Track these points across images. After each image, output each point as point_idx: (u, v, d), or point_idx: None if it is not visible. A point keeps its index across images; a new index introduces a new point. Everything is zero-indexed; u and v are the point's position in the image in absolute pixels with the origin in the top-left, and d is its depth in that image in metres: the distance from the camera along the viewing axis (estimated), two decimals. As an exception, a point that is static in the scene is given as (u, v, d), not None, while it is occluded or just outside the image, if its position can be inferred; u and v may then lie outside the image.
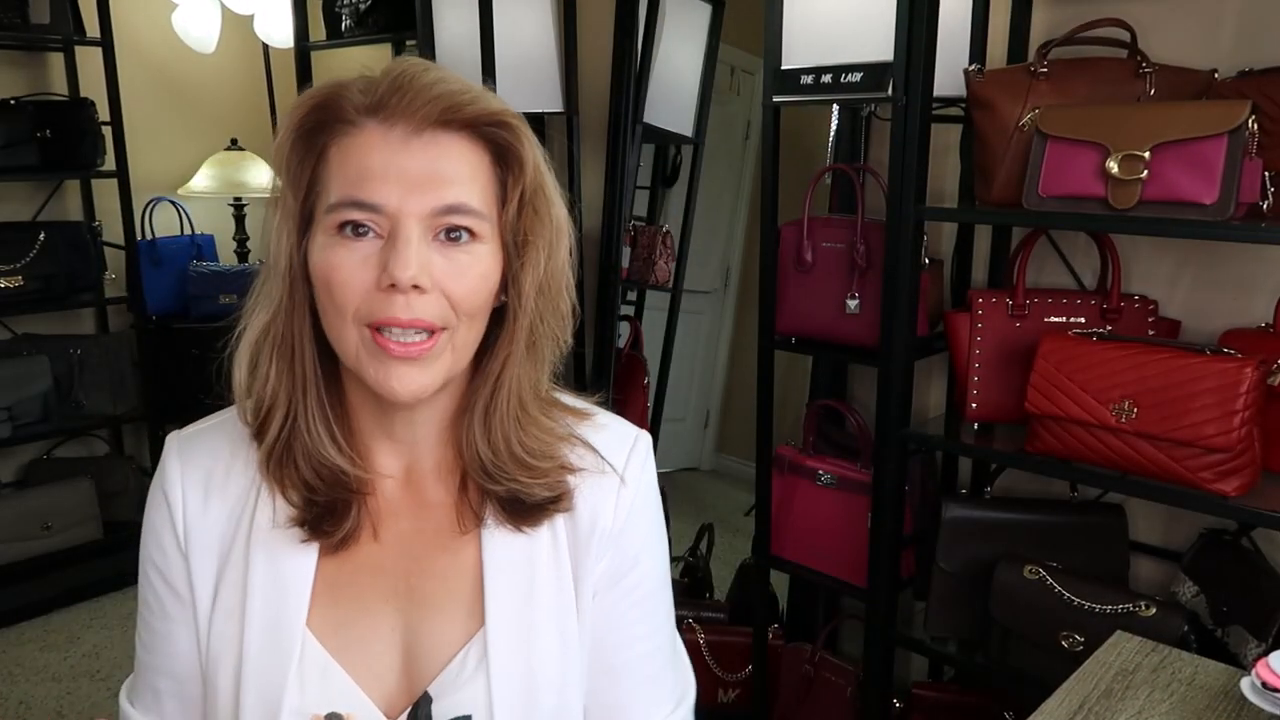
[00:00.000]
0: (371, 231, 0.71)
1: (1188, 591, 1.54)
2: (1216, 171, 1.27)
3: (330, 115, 0.73)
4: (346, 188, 0.71)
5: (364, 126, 0.71)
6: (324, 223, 0.72)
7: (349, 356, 0.74)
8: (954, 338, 1.65)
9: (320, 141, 0.73)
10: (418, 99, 0.70)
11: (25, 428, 2.87)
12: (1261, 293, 1.55)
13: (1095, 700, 1.03)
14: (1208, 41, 1.56)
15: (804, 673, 1.99)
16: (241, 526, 0.79)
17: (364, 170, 0.70)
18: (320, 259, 0.72)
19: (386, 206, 0.70)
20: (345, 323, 0.72)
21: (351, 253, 0.71)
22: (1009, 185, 1.51)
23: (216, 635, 0.78)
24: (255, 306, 0.77)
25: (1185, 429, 1.32)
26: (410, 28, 2.41)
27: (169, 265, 3.27)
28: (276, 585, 0.77)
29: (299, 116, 0.73)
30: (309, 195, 0.74)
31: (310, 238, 0.73)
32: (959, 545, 1.67)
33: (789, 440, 1.98)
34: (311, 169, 0.73)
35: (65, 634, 2.78)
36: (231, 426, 0.81)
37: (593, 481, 0.82)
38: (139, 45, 3.27)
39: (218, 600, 0.78)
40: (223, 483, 0.80)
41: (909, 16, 1.50)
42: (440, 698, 0.77)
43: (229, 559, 0.78)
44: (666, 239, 2.44)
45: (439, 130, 0.71)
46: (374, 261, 0.70)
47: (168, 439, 0.83)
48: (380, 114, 0.71)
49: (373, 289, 0.71)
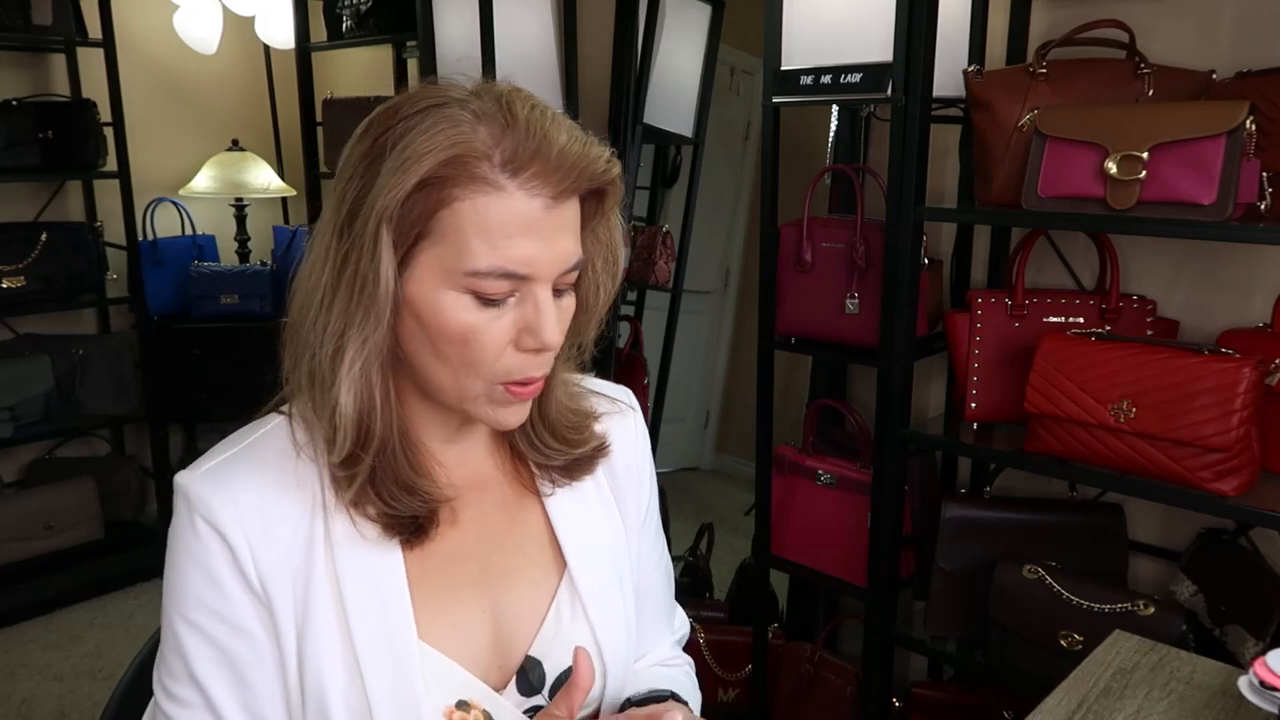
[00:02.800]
0: (508, 298, 0.72)
1: (1186, 591, 1.54)
2: (1215, 172, 1.28)
3: (463, 169, 0.69)
4: (493, 256, 0.69)
5: (504, 189, 0.69)
6: (459, 280, 0.70)
7: (464, 402, 0.75)
8: (953, 338, 1.65)
9: (446, 193, 0.69)
10: (560, 163, 0.69)
11: (27, 427, 2.88)
12: (1260, 293, 1.55)
13: (1094, 699, 1.03)
14: (1206, 42, 1.57)
15: (804, 672, 1.99)
16: (315, 545, 0.75)
17: (510, 240, 0.69)
18: (453, 316, 0.71)
19: (531, 275, 0.71)
20: (475, 378, 0.73)
21: (491, 316, 0.71)
22: (1008, 186, 1.51)
23: (314, 658, 0.74)
24: (342, 332, 0.72)
25: (1184, 429, 1.32)
26: (411, 28, 2.42)
27: (170, 265, 3.27)
28: (375, 593, 0.75)
29: (427, 169, 0.68)
30: (422, 236, 0.70)
31: (412, 276, 0.71)
32: (958, 545, 1.68)
33: (789, 440, 1.98)
34: (434, 213, 0.69)
35: (67, 633, 2.79)
36: (266, 445, 0.77)
37: (611, 422, 0.90)
38: (140, 46, 3.28)
39: (308, 625, 0.74)
40: (279, 509, 0.75)
41: (908, 17, 1.50)
42: (545, 657, 0.81)
43: (311, 582, 0.74)
44: (666, 239, 2.45)
45: (573, 195, 0.72)
46: (509, 320, 0.72)
47: (186, 481, 0.75)
48: (521, 175, 0.69)
49: (511, 349, 0.73)
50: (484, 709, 0.77)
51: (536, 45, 2.38)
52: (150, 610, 2.92)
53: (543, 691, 0.81)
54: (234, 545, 0.72)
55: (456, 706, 0.76)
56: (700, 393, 3.76)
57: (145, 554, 3.11)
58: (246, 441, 0.78)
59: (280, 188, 3.47)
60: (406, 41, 2.88)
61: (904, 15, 1.50)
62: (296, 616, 0.74)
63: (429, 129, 0.69)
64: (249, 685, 0.74)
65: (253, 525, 0.73)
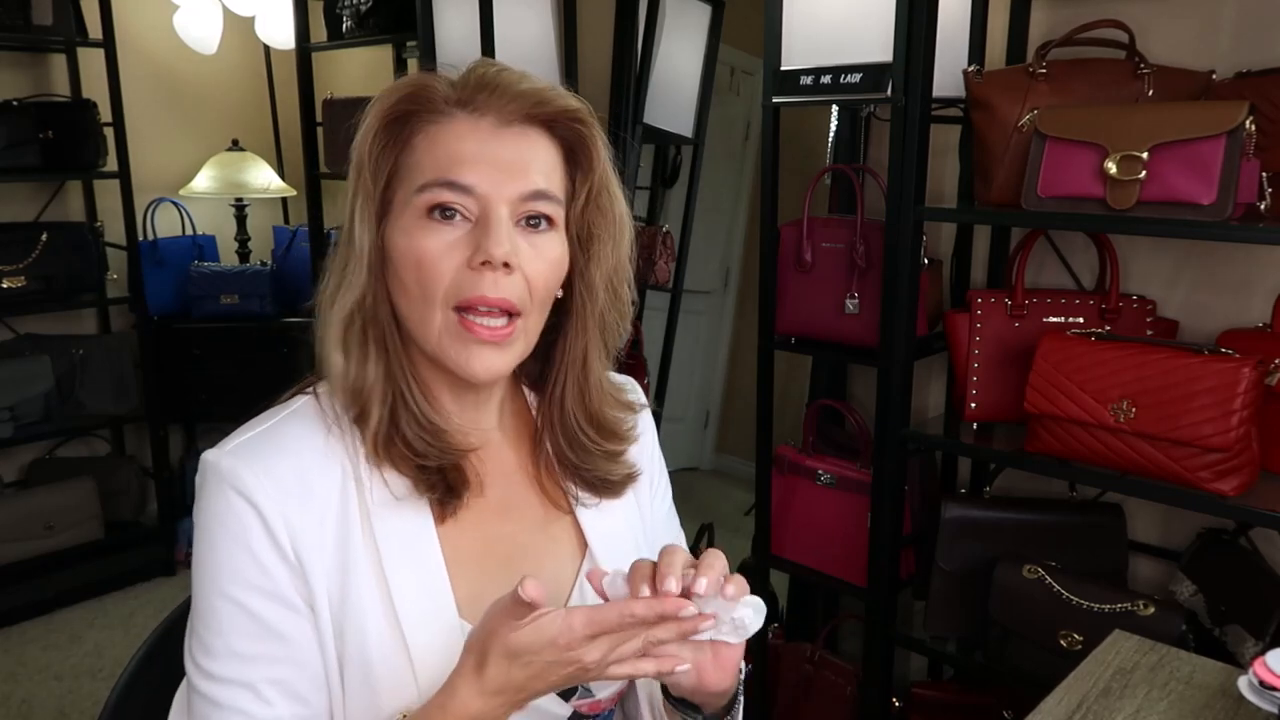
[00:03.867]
0: (459, 214, 0.74)
1: (1186, 590, 1.54)
2: (1214, 172, 1.28)
3: (418, 105, 0.75)
4: (437, 170, 0.74)
5: (453, 116, 0.75)
6: (412, 205, 0.74)
7: (430, 339, 0.76)
8: (953, 338, 1.65)
9: (406, 130, 0.76)
10: (506, 93, 0.75)
11: (27, 427, 2.88)
12: (1259, 293, 1.55)
13: (1094, 699, 1.03)
14: (1206, 43, 1.57)
15: (804, 672, 1.99)
16: (350, 518, 0.76)
17: (455, 154, 0.74)
18: (407, 242, 0.74)
19: (478, 189, 0.74)
20: (431, 305, 0.75)
21: (441, 235, 0.74)
22: (1008, 186, 1.51)
23: (356, 631, 0.74)
24: (336, 293, 0.77)
25: (1183, 429, 1.32)
26: (411, 29, 2.42)
27: (170, 266, 3.28)
28: (415, 567, 0.77)
29: (388, 105, 0.76)
30: (391, 182, 0.76)
31: (389, 222, 0.76)
32: (958, 545, 1.68)
33: (789, 440, 1.98)
34: (395, 156, 0.76)
35: (67, 633, 2.79)
36: (293, 423, 0.78)
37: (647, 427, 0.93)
38: (141, 46, 3.28)
39: (348, 597, 0.74)
40: (311, 482, 0.75)
41: (908, 17, 1.50)
42: None
43: (349, 554, 0.75)
44: (666, 239, 2.45)
45: (525, 124, 0.76)
46: (463, 243, 0.74)
47: (215, 458, 0.75)
48: (469, 106, 0.75)
49: (462, 268, 0.74)
50: None
51: (536, 45, 2.38)
52: (150, 610, 2.92)
53: None
54: (268, 518, 0.73)
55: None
56: (700, 393, 3.76)
57: (145, 554, 3.11)
58: (274, 420, 0.79)
59: (280, 188, 3.47)
60: (406, 41, 2.88)
61: (904, 15, 1.50)
62: (333, 589, 0.74)
63: (395, 82, 0.77)
64: (290, 659, 0.74)
65: (287, 497, 0.74)
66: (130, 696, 0.94)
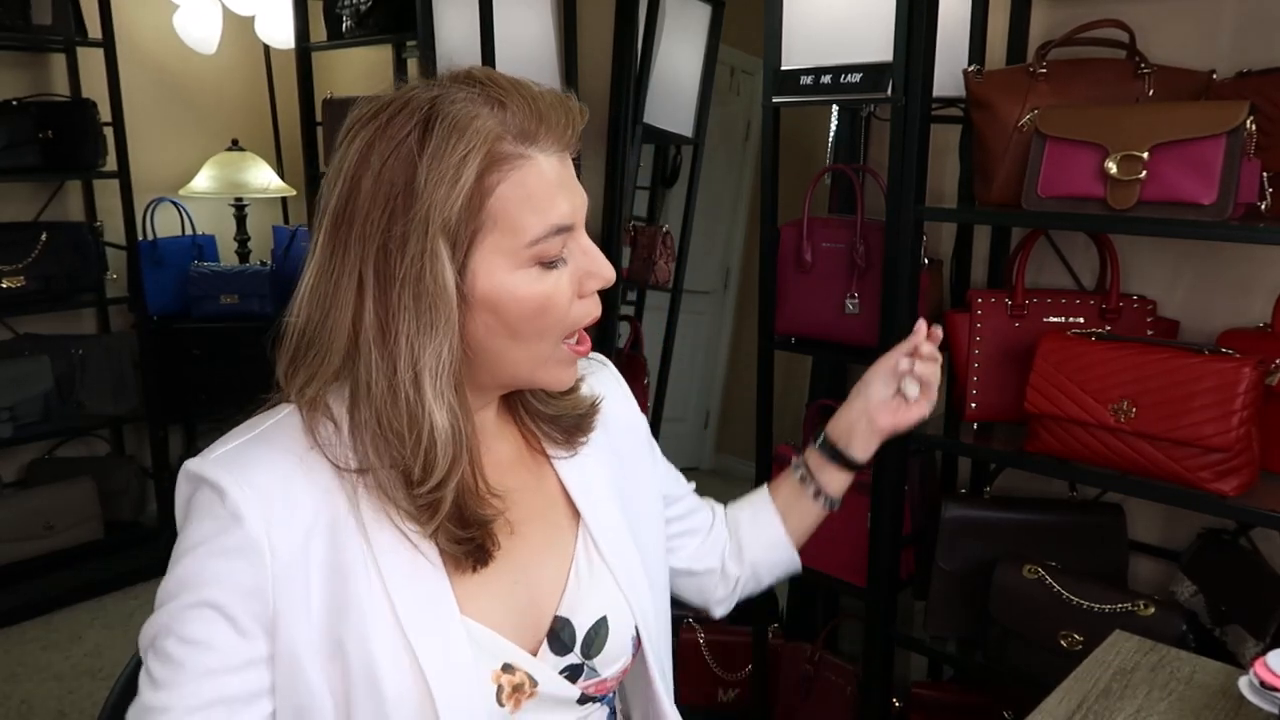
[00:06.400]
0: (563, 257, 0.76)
1: (1186, 591, 1.54)
2: (1215, 172, 1.28)
3: (494, 158, 0.72)
4: (544, 221, 0.74)
5: (531, 158, 0.73)
6: (521, 255, 0.74)
7: (523, 370, 0.79)
8: (953, 338, 1.65)
9: (490, 182, 0.72)
10: (557, 123, 0.75)
11: (27, 427, 2.88)
12: (1260, 293, 1.55)
13: (1094, 699, 1.03)
14: (1206, 42, 1.57)
15: (804, 672, 1.99)
16: (343, 529, 0.74)
17: (551, 199, 0.74)
18: (525, 291, 0.74)
19: (575, 223, 0.76)
20: (547, 341, 0.78)
21: (558, 276, 0.76)
22: (1008, 186, 1.51)
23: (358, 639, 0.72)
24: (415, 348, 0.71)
25: (1184, 429, 1.32)
26: (411, 28, 2.42)
27: (170, 266, 3.28)
28: (413, 570, 0.75)
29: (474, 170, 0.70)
30: (474, 231, 0.72)
31: (474, 267, 0.73)
32: (958, 545, 1.68)
33: (789, 440, 1.98)
34: (480, 209, 0.72)
35: (67, 633, 2.79)
36: (278, 433, 0.76)
37: (593, 380, 0.94)
38: (140, 46, 3.28)
39: (348, 607, 0.73)
40: (297, 493, 0.73)
41: (908, 17, 1.50)
42: (573, 614, 0.83)
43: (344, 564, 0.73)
44: (666, 239, 2.45)
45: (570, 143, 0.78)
46: (570, 275, 0.77)
47: (197, 467, 0.74)
48: (537, 144, 0.74)
49: (574, 298, 0.78)
50: (526, 671, 0.79)
51: (536, 45, 2.38)
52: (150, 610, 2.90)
53: (574, 650, 0.83)
54: (251, 529, 0.71)
55: (502, 670, 0.78)
56: (700, 393, 3.76)
57: (145, 554, 3.11)
58: (259, 430, 0.77)
59: (280, 188, 3.47)
60: (406, 41, 2.88)
61: (904, 15, 1.50)
62: (328, 599, 0.73)
63: (448, 134, 0.70)
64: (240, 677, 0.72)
65: (271, 509, 0.72)
66: (130, 696, 0.93)
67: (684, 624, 2.14)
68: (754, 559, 1.11)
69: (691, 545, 1.08)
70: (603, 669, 0.85)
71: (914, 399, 1.09)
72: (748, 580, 1.11)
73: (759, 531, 1.11)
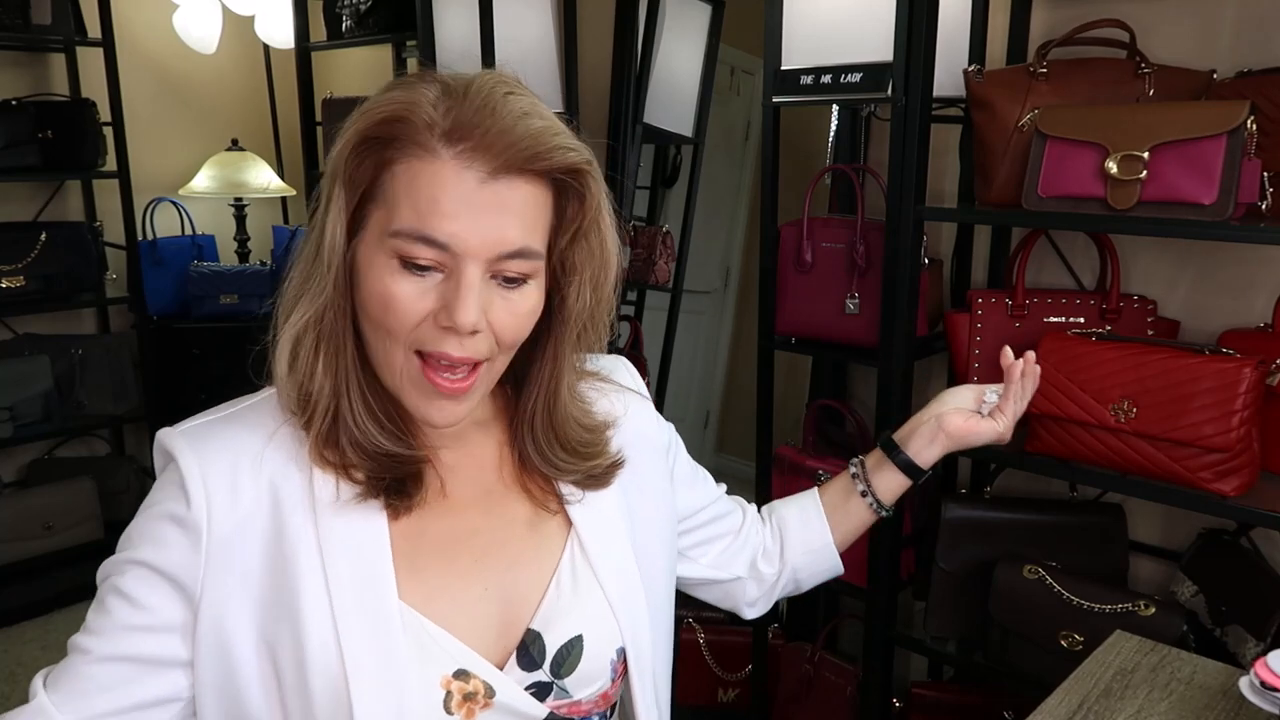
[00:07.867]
0: (431, 268, 0.71)
1: (1187, 591, 1.54)
2: (1215, 172, 1.27)
3: (403, 132, 0.70)
4: (415, 219, 0.69)
5: (439, 156, 0.69)
6: (385, 244, 0.71)
7: (391, 376, 0.75)
8: (953, 338, 1.65)
9: (388, 151, 0.71)
10: (500, 140, 0.69)
11: (27, 427, 2.88)
12: (1260, 293, 1.55)
13: (1094, 699, 1.03)
14: (1207, 42, 1.57)
15: (804, 672, 1.99)
16: (293, 512, 0.75)
17: (435, 204, 0.69)
18: (377, 279, 0.72)
19: (453, 245, 0.70)
20: (396, 344, 0.73)
21: (411, 284, 0.71)
22: (1008, 185, 1.51)
23: (289, 622, 0.73)
24: (298, 296, 0.75)
25: (1184, 429, 1.32)
26: (411, 28, 2.42)
27: (170, 265, 3.27)
28: (358, 560, 0.75)
29: (369, 124, 0.71)
30: (364, 199, 0.73)
31: (361, 239, 0.73)
32: (959, 545, 1.67)
33: (789, 440, 1.98)
34: (372, 175, 0.72)
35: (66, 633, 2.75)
36: (249, 415, 0.78)
37: (629, 409, 0.91)
38: (140, 46, 3.28)
39: (283, 590, 0.73)
40: (251, 474, 0.75)
41: (908, 17, 1.50)
42: (546, 630, 0.80)
43: (285, 548, 0.74)
44: (666, 239, 2.45)
45: (515, 175, 0.71)
46: (432, 294, 0.71)
47: (163, 436, 0.78)
48: (459, 146, 0.69)
49: (429, 321, 0.72)
50: (484, 680, 0.77)
51: (536, 45, 2.38)
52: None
53: (543, 666, 0.79)
54: (194, 504, 0.74)
55: (454, 675, 0.75)
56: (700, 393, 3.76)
57: (145, 554, 3.10)
58: (233, 409, 0.80)
59: (280, 187, 3.47)
60: (406, 41, 2.88)
61: (904, 15, 1.50)
62: (264, 582, 0.74)
63: (385, 94, 0.72)
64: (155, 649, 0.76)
65: (215, 486, 0.74)
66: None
67: (684, 624, 2.14)
68: (796, 563, 1.09)
69: (713, 553, 1.05)
70: (575, 690, 0.81)
71: (991, 407, 1.06)
72: (787, 582, 1.10)
73: (808, 534, 1.09)
